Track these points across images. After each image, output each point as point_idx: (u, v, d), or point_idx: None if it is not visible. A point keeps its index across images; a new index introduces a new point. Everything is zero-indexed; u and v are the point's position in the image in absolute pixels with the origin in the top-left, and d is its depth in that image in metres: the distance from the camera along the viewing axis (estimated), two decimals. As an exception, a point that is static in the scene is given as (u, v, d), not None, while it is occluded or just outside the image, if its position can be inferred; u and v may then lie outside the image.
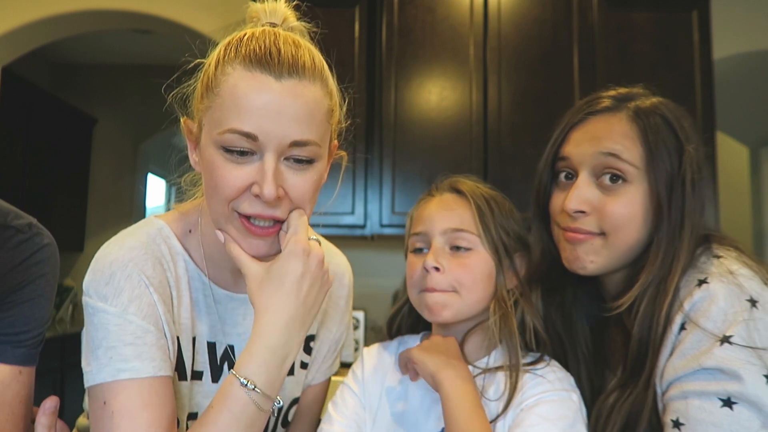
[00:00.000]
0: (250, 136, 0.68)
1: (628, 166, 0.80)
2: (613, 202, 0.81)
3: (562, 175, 0.87)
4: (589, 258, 0.83)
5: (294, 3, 0.79)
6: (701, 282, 0.74)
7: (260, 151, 0.70)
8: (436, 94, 2.34)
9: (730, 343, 0.69)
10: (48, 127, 3.85)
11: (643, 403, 0.76)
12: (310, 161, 0.72)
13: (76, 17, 2.96)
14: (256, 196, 0.70)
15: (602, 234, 0.82)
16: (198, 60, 0.77)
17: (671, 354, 0.74)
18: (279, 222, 0.74)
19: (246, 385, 0.69)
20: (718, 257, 0.78)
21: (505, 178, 2.28)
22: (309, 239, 0.75)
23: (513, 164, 2.28)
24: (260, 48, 0.70)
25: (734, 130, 4.11)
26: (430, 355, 0.83)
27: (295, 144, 0.70)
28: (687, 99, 2.26)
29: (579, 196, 0.82)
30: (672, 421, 0.72)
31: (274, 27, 0.76)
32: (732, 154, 4.28)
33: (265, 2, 0.78)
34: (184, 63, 0.78)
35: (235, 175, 0.70)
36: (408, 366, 0.88)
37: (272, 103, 0.68)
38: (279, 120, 0.68)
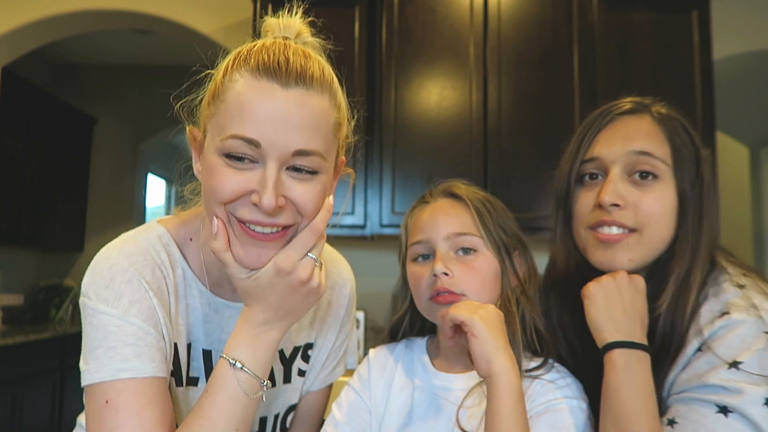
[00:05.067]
0: (252, 143, 0.67)
1: (660, 163, 0.83)
2: (647, 197, 0.83)
3: (588, 176, 0.88)
4: (628, 257, 0.83)
5: (309, 19, 0.78)
6: (724, 313, 0.76)
7: (262, 160, 0.68)
8: (436, 94, 2.34)
9: (738, 368, 0.71)
10: (48, 127, 3.85)
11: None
12: (312, 172, 0.71)
13: (76, 17, 2.96)
14: (255, 204, 0.68)
15: (635, 231, 0.83)
16: (208, 71, 0.76)
17: (682, 370, 0.76)
18: (285, 228, 0.72)
19: (235, 365, 0.72)
20: (741, 286, 0.79)
21: (505, 178, 2.27)
22: (305, 256, 0.73)
23: (513, 164, 2.28)
24: (269, 57, 0.69)
25: (734, 130, 4.11)
26: (491, 332, 0.75)
27: (299, 153, 0.68)
28: (687, 99, 2.26)
29: (615, 190, 0.83)
30: (668, 419, 0.74)
31: (286, 40, 0.75)
32: (732, 154, 4.28)
33: (280, 17, 0.76)
34: (187, 65, 0.78)
35: (234, 180, 0.68)
36: (447, 330, 0.80)
37: (277, 111, 0.67)
38: (283, 128, 0.67)
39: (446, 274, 0.85)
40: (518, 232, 0.93)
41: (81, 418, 0.88)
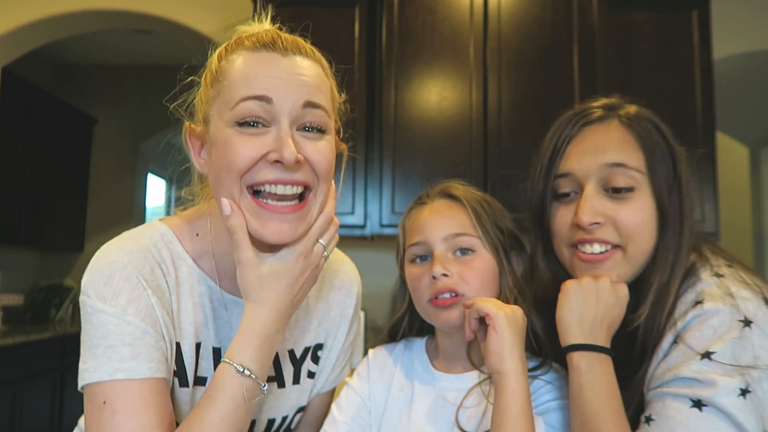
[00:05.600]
0: (264, 99, 0.69)
1: (634, 172, 0.81)
2: (625, 210, 0.81)
3: (563, 191, 0.86)
4: (615, 273, 0.82)
5: (276, 25, 0.81)
6: (697, 303, 0.75)
7: (274, 120, 0.71)
8: (436, 94, 2.34)
9: (710, 359, 0.70)
10: (48, 127, 3.85)
11: (631, 401, 0.78)
12: (321, 130, 0.74)
13: (76, 17, 2.96)
14: (275, 162, 0.70)
15: (618, 246, 0.81)
16: (192, 77, 0.78)
17: (658, 364, 0.76)
18: (302, 198, 0.73)
19: (243, 372, 0.71)
20: (719, 276, 0.78)
21: (504, 178, 2.27)
22: (317, 242, 0.77)
23: (513, 164, 2.28)
24: (263, 36, 0.74)
25: (734, 130, 4.11)
26: (511, 332, 0.76)
27: (309, 104, 0.71)
28: (687, 99, 2.25)
29: (592, 208, 0.81)
30: (645, 417, 0.74)
31: None
32: (732, 154, 4.28)
33: (253, 24, 0.80)
34: (185, 65, 0.79)
35: (250, 146, 0.70)
36: (473, 321, 0.80)
37: (282, 72, 0.71)
38: (290, 85, 0.71)
39: (445, 275, 0.85)
40: (515, 231, 0.93)
41: (82, 421, 0.88)
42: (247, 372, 0.71)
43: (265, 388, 0.74)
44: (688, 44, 2.30)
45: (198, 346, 0.81)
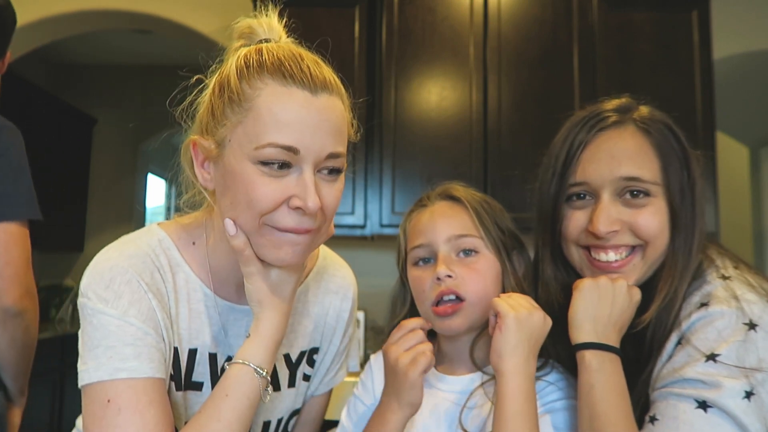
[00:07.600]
0: (291, 150, 0.69)
1: (650, 185, 0.80)
2: (642, 214, 0.80)
3: (575, 196, 0.85)
4: (634, 278, 0.82)
5: (283, 21, 0.79)
6: (702, 305, 0.75)
7: (298, 165, 0.71)
8: (436, 94, 2.34)
9: (715, 360, 0.70)
10: (48, 127, 3.85)
11: (638, 402, 0.78)
12: (339, 171, 0.75)
13: (76, 17, 2.96)
14: (296, 208, 0.71)
15: (637, 247, 0.81)
16: (198, 75, 0.76)
17: (663, 365, 0.76)
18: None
19: (262, 374, 0.75)
20: (726, 278, 0.78)
21: (505, 178, 2.28)
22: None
23: (513, 164, 2.28)
24: (290, 64, 0.72)
25: (734, 130, 4.12)
26: (518, 333, 0.77)
27: (330, 156, 0.72)
28: (687, 99, 2.25)
29: (608, 218, 0.80)
30: (649, 417, 0.74)
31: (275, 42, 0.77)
32: (732, 154, 4.28)
33: (258, 18, 0.78)
34: (187, 65, 0.77)
35: (273, 188, 0.70)
36: (492, 318, 0.81)
37: (311, 118, 0.70)
38: (317, 134, 0.70)
39: (450, 276, 0.85)
40: (515, 231, 0.93)
41: (80, 422, 0.87)
42: (264, 373, 0.75)
43: (270, 388, 0.77)
44: (688, 44, 2.30)
45: (193, 352, 0.82)
